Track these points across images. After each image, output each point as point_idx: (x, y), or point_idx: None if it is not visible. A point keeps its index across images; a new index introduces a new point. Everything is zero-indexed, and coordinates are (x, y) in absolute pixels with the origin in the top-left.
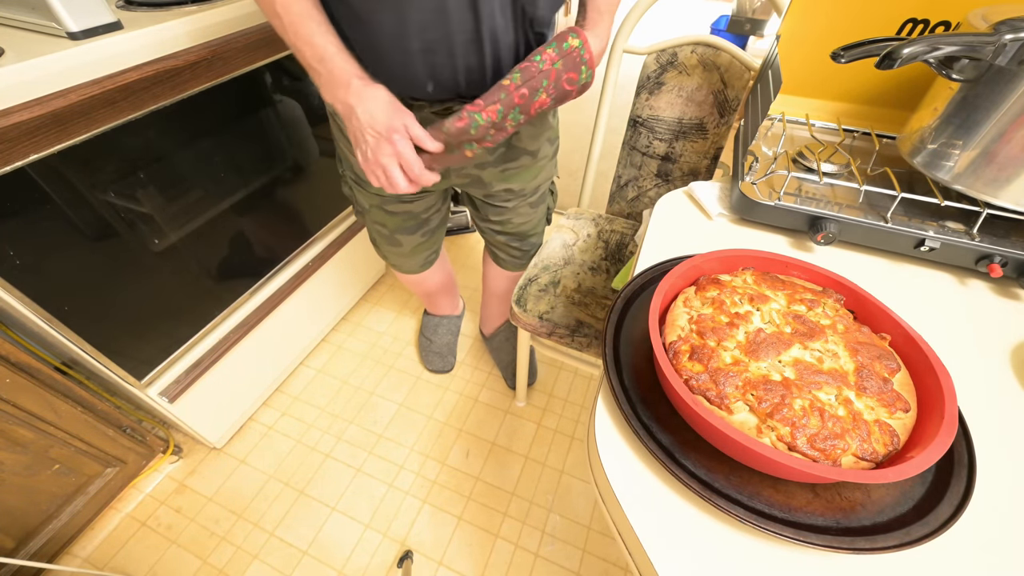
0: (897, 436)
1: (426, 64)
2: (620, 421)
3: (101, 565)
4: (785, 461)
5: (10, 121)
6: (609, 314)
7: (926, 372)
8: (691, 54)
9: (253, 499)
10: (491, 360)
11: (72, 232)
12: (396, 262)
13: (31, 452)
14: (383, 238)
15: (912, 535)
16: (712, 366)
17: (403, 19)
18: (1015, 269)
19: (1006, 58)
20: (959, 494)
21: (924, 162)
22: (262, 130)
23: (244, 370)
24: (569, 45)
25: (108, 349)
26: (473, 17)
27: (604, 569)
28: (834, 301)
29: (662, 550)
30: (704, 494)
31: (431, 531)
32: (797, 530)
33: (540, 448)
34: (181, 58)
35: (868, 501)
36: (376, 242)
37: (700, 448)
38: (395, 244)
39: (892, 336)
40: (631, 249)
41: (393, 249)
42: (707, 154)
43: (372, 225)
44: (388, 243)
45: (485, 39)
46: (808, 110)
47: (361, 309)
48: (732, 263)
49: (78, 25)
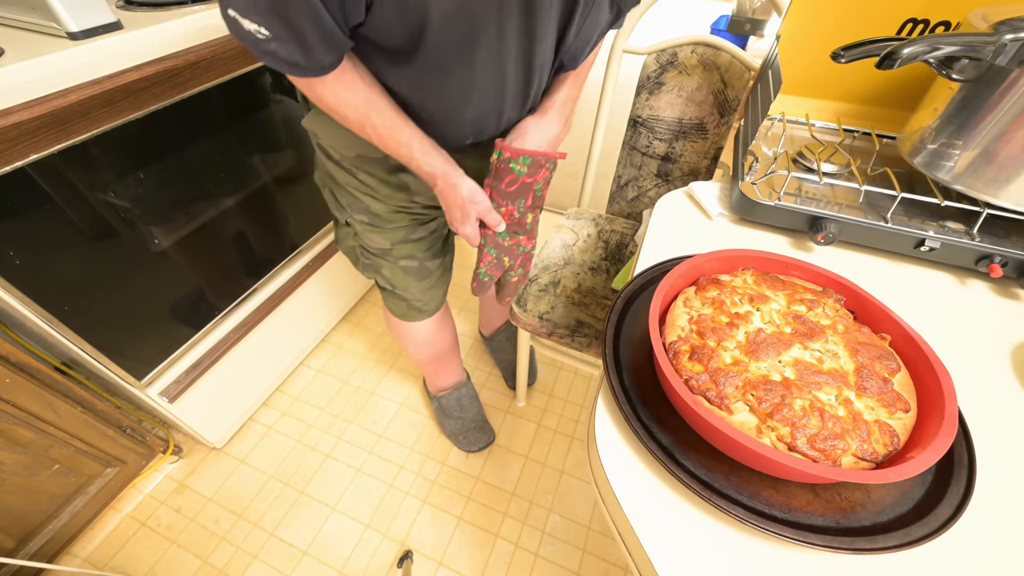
0: (897, 436)
1: (473, 129)
2: (620, 421)
3: (101, 565)
4: (785, 461)
5: (10, 121)
6: (609, 314)
7: (926, 372)
8: (691, 54)
9: (253, 499)
10: (491, 360)
11: (72, 232)
12: (423, 299)
13: (31, 452)
14: (412, 273)
15: (912, 535)
16: (712, 366)
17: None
18: (1015, 269)
19: (1006, 58)
20: (959, 494)
21: (924, 162)
22: (263, 129)
23: (244, 370)
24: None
25: (108, 349)
26: (524, 90)
27: (604, 569)
28: (834, 301)
29: (662, 550)
30: (704, 494)
31: (431, 531)
32: (797, 530)
33: (540, 448)
34: (181, 58)
35: (868, 501)
36: (402, 291)
37: (700, 448)
38: (426, 275)
39: (892, 336)
40: (631, 249)
41: (423, 283)
42: (707, 154)
43: (399, 264)
44: (418, 276)
45: (529, 101)
46: (808, 110)
47: (361, 309)
48: (732, 263)
49: (78, 25)
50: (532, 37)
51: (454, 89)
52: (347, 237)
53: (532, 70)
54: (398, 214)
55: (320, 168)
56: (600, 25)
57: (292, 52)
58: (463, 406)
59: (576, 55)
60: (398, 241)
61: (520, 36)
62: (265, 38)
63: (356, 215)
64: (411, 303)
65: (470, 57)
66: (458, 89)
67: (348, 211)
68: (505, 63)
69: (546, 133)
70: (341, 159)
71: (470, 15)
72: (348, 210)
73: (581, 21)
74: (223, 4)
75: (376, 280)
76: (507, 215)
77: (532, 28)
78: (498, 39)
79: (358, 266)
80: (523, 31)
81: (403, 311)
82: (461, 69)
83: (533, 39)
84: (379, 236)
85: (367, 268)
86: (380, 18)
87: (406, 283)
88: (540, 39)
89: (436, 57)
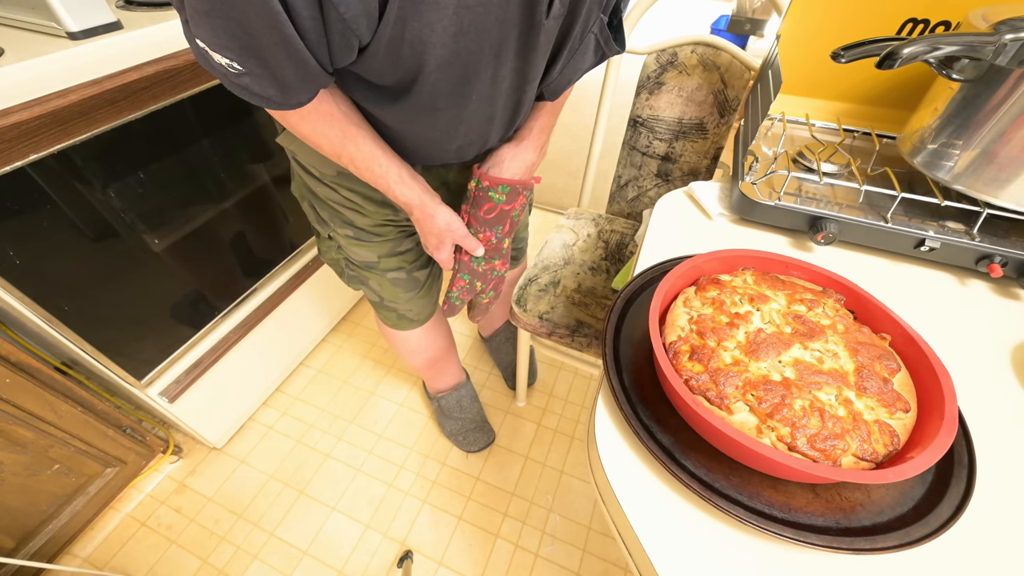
0: (897, 436)
1: (458, 155)
2: (620, 421)
3: (101, 565)
4: (785, 462)
5: (10, 121)
6: (609, 314)
7: (926, 372)
8: (691, 54)
9: (253, 499)
10: (491, 360)
11: (72, 232)
12: (414, 309)
13: (31, 452)
14: (401, 285)
15: (912, 535)
16: (712, 366)
17: (452, 137)
18: (1015, 269)
19: (1006, 58)
20: (959, 494)
21: (924, 162)
22: (263, 130)
23: (244, 370)
24: (469, 192)
25: (108, 349)
26: (510, 122)
27: (604, 569)
28: (834, 301)
29: (662, 550)
30: (704, 494)
31: (431, 531)
32: (797, 530)
33: (540, 448)
34: (181, 58)
35: (868, 501)
36: (391, 303)
37: (700, 448)
38: (414, 286)
39: (892, 336)
40: (631, 249)
41: (411, 294)
42: (707, 154)
43: (387, 277)
44: (407, 288)
45: (512, 130)
46: (808, 110)
47: (361, 309)
48: (732, 263)
49: (78, 25)
50: (524, 78)
51: (443, 125)
52: (330, 250)
53: (520, 105)
54: (384, 227)
55: (297, 180)
56: (583, 68)
57: (266, 88)
58: (463, 406)
59: (557, 90)
60: (384, 254)
61: (513, 77)
62: (237, 72)
63: (339, 229)
64: (401, 313)
65: (463, 98)
66: (447, 124)
67: (330, 225)
68: (496, 102)
69: (523, 162)
70: (322, 176)
71: (467, 62)
72: (330, 224)
73: (566, 61)
74: (189, 33)
75: (364, 292)
76: (485, 241)
77: (525, 71)
78: (492, 82)
79: (343, 278)
80: (516, 72)
81: (394, 321)
82: (453, 108)
83: (525, 79)
84: (364, 250)
85: (353, 280)
86: (373, 61)
87: (394, 295)
88: (531, 80)
89: (429, 98)
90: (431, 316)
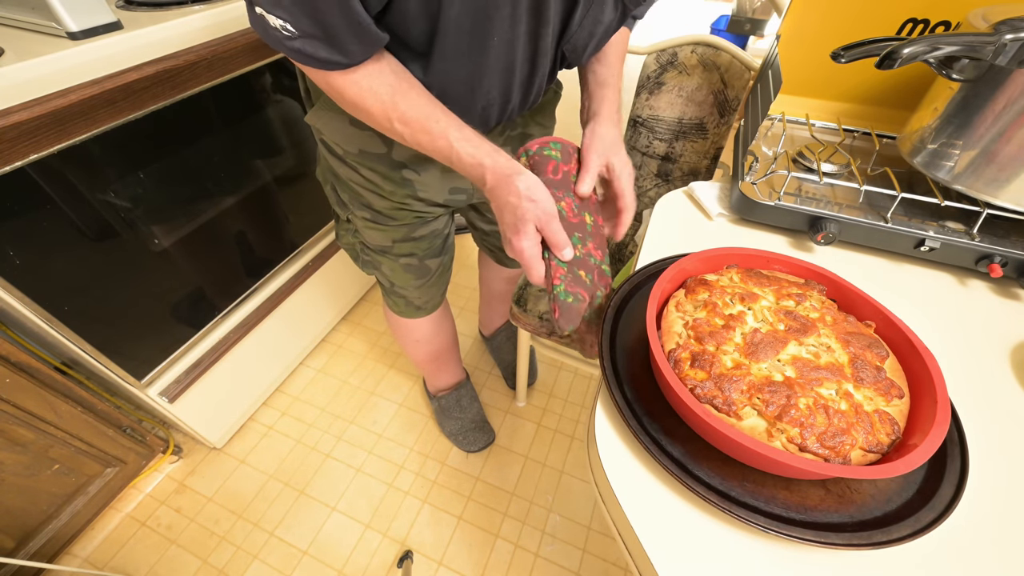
0: (897, 424)
1: (482, 118)
2: (620, 422)
3: (101, 565)
4: (801, 465)
5: (10, 121)
6: (603, 323)
7: (911, 355)
8: (691, 54)
9: (253, 499)
10: (491, 360)
11: (72, 232)
12: (422, 297)
13: (31, 452)
14: (412, 271)
15: (922, 520)
16: (715, 372)
17: (476, 92)
18: (1015, 269)
19: (1006, 58)
20: (956, 472)
21: (924, 162)
22: (262, 129)
23: (244, 370)
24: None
25: (108, 349)
26: (530, 77)
27: (604, 569)
28: (818, 293)
29: (662, 550)
30: (724, 506)
31: (431, 531)
32: (818, 531)
33: (540, 448)
34: (181, 58)
35: (877, 491)
36: (401, 289)
37: (710, 456)
38: (424, 274)
39: (875, 323)
40: (631, 249)
41: (421, 282)
42: (707, 154)
43: (399, 262)
44: (418, 275)
45: (533, 90)
46: (808, 110)
47: (361, 309)
48: (715, 262)
49: (78, 25)
50: (541, 19)
51: (467, 78)
52: (347, 233)
53: (537, 55)
54: (401, 211)
55: (322, 163)
56: (603, 23)
57: (319, 49)
58: (463, 406)
59: (577, 47)
60: (399, 239)
61: (530, 16)
62: (291, 35)
63: (358, 211)
64: (410, 300)
65: (485, 39)
66: (471, 77)
67: (349, 207)
68: (515, 47)
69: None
70: (344, 155)
71: None
72: (350, 206)
73: (584, 11)
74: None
75: (376, 276)
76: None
77: (541, 10)
78: (511, 20)
79: (358, 262)
80: (533, 12)
81: (402, 308)
82: (476, 54)
83: (541, 21)
84: (380, 233)
85: (367, 264)
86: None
87: (405, 281)
88: (547, 22)
89: (454, 42)
90: (438, 306)
